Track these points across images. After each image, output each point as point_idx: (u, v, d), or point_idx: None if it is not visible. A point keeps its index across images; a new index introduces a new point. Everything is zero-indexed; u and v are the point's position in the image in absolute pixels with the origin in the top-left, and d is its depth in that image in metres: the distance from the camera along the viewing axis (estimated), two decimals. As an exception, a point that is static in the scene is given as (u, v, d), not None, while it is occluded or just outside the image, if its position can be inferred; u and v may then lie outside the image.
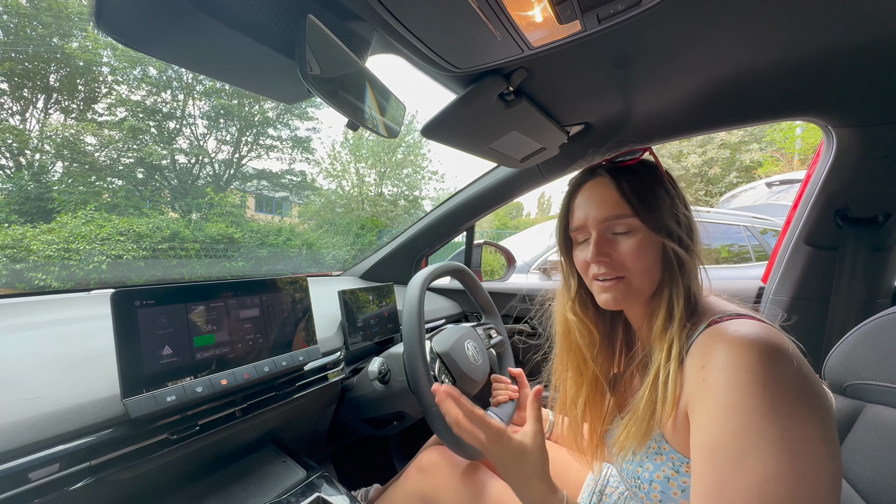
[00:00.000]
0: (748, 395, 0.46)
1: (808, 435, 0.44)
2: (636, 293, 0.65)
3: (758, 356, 0.47)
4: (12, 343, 0.71)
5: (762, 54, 0.75)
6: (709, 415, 0.49)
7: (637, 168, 0.66)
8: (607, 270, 0.65)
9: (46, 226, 7.42)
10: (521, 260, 2.87)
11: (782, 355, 0.47)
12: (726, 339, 0.51)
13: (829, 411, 0.46)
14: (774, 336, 0.49)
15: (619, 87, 0.88)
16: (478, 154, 1.07)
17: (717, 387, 0.50)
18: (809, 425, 0.44)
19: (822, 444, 0.44)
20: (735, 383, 0.48)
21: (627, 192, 0.63)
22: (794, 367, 0.47)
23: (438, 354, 0.97)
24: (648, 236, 0.62)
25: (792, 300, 1.28)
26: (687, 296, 0.61)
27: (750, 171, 11.57)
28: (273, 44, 0.52)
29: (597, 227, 0.66)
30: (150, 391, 0.61)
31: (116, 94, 9.62)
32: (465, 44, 0.60)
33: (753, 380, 0.46)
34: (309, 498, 0.72)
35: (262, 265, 9.36)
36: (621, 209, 0.63)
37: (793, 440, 0.43)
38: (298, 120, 12.42)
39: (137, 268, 7.53)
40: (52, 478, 0.52)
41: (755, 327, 0.51)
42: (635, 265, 0.63)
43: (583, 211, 0.68)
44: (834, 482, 0.44)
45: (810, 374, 0.48)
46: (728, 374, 0.49)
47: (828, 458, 0.44)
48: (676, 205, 0.64)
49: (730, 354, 0.50)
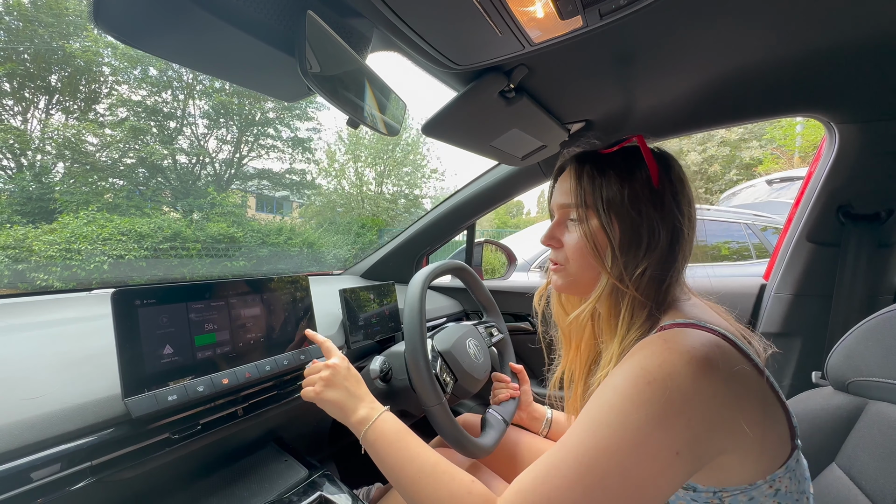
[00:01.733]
0: (631, 384, 0.46)
1: (659, 450, 0.43)
2: (576, 280, 0.66)
3: (666, 361, 0.45)
4: (14, 343, 0.71)
5: (764, 50, 0.75)
6: (598, 389, 0.51)
7: (615, 158, 0.62)
8: (554, 256, 0.69)
9: (48, 226, 7.43)
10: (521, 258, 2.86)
11: (695, 371, 0.44)
12: (654, 344, 0.49)
13: (700, 451, 0.44)
14: (707, 353, 0.46)
15: (620, 83, 0.88)
16: (478, 152, 1.06)
17: (613, 373, 0.50)
18: (669, 441, 0.43)
19: (665, 467, 0.44)
20: (629, 372, 0.47)
21: (584, 182, 0.62)
22: (699, 386, 0.44)
23: (440, 353, 0.97)
24: (596, 229, 0.60)
25: (794, 297, 1.27)
26: (635, 300, 0.57)
27: (750, 169, 11.55)
28: (273, 41, 0.52)
29: (558, 212, 0.68)
30: (152, 390, 0.61)
31: (117, 95, 9.62)
32: (466, 40, 0.60)
33: (644, 375, 0.46)
34: (311, 497, 0.72)
35: (264, 264, 9.37)
36: (573, 198, 0.63)
37: (645, 443, 0.43)
38: (298, 120, 12.41)
39: (139, 268, 7.54)
40: (54, 478, 0.52)
41: (692, 339, 0.47)
42: (574, 256, 0.64)
43: (554, 196, 0.70)
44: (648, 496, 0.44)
45: (727, 403, 0.44)
46: (629, 365, 0.49)
47: (664, 478, 0.44)
48: (642, 206, 0.58)
49: (645, 352, 0.49)
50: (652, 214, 0.58)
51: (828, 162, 1.12)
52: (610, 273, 0.59)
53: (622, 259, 0.58)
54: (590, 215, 0.61)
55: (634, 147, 0.63)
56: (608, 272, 0.59)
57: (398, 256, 1.72)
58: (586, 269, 0.63)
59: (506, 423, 0.97)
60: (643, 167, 0.60)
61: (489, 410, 1.00)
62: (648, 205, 0.58)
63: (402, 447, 0.64)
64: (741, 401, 0.45)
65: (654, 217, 0.58)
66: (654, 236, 0.58)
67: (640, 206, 0.58)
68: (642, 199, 0.59)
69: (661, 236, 0.58)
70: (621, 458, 0.44)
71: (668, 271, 0.58)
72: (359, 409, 0.68)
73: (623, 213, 0.59)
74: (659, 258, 0.58)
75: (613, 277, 0.58)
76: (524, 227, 5.67)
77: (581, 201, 0.61)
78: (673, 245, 0.59)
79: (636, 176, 0.60)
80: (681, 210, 0.59)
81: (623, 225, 0.59)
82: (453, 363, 0.97)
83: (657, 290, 0.57)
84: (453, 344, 1.00)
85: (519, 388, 1.08)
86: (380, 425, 0.66)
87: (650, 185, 0.59)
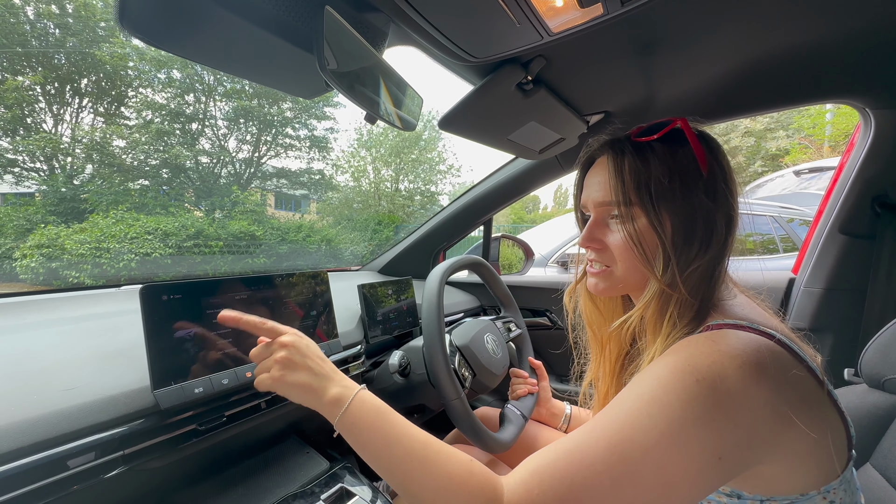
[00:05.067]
0: (678, 378, 0.43)
1: (701, 451, 0.41)
2: (624, 284, 0.61)
3: (716, 362, 0.43)
4: (49, 337, 0.74)
5: (795, 35, 0.72)
6: (637, 377, 0.48)
7: (654, 146, 0.56)
8: (595, 257, 0.63)
9: (79, 225, 7.75)
10: (538, 253, 2.84)
11: (746, 376, 0.41)
12: (702, 344, 0.46)
13: (739, 459, 0.42)
14: (759, 357, 0.43)
15: (641, 73, 0.86)
16: (495, 146, 1.05)
17: (656, 364, 0.47)
18: (712, 443, 0.41)
19: (704, 469, 0.41)
20: (674, 366, 0.44)
21: (626, 176, 0.56)
22: (750, 391, 0.41)
23: (458, 347, 0.97)
24: (643, 228, 0.55)
25: (825, 291, 1.22)
26: (683, 300, 0.53)
27: (776, 160, 11.14)
28: (291, 37, 0.52)
29: (594, 210, 0.62)
30: (179, 383, 0.63)
31: (142, 98, 9.94)
32: (483, 32, 0.59)
33: (692, 372, 0.43)
34: (332, 488, 0.73)
35: (283, 261, 9.55)
36: (613, 195, 0.57)
37: (687, 443, 0.41)
38: (315, 119, 12.58)
39: (164, 265, 7.79)
40: (89, 465, 0.54)
41: (743, 342, 0.44)
42: (621, 258, 0.59)
43: (586, 191, 0.64)
44: None
45: (778, 411, 0.41)
46: (674, 359, 0.45)
47: (700, 481, 0.42)
48: (695, 195, 0.53)
49: (692, 349, 0.46)
50: (707, 205, 0.53)
51: (862, 150, 1.08)
52: (661, 279, 0.53)
53: (675, 259, 0.53)
54: (636, 213, 0.56)
55: (674, 131, 0.57)
56: (658, 279, 0.54)
57: (415, 252, 1.73)
58: (634, 271, 0.58)
59: (524, 419, 0.97)
60: (688, 153, 0.55)
61: (508, 405, 0.99)
62: (701, 194, 0.53)
63: (385, 428, 0.54)
64: (793, 408, 0.42)
65: (709, 207, 0.53)
66: (711, 229, 0.53)
67: (694, 197, 0.53)
68: (695, 189, 0.53)
69: (718, 228, 0.53)
70: (659, 453, 0.41)
71: (719, 266, 0.54)
72: (329, 389, 0.56)
73: (675, 206, 0.54)
74: (715, 253, 0.53)
75: (665, 283, 0.53)
76: (541, 223, 5.62)
77: (625, 198, 0.56)
78: (727, 237, 0.54)
79: (682, 163, 0.55)
80: (733, 196, 0.55)
81: (675, 220, 0.54)
82: (471, 358, 0.97)
83: (706, 287, 0.53)
84: (471, 339, 1.00)
85: (537, 383, 1.08)
86: (357, 405, 0.55)
87: (699, 171, 0.54)
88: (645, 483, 0.41)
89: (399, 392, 0.97)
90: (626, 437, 0.43)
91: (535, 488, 0.45)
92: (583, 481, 0.43)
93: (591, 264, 0.64)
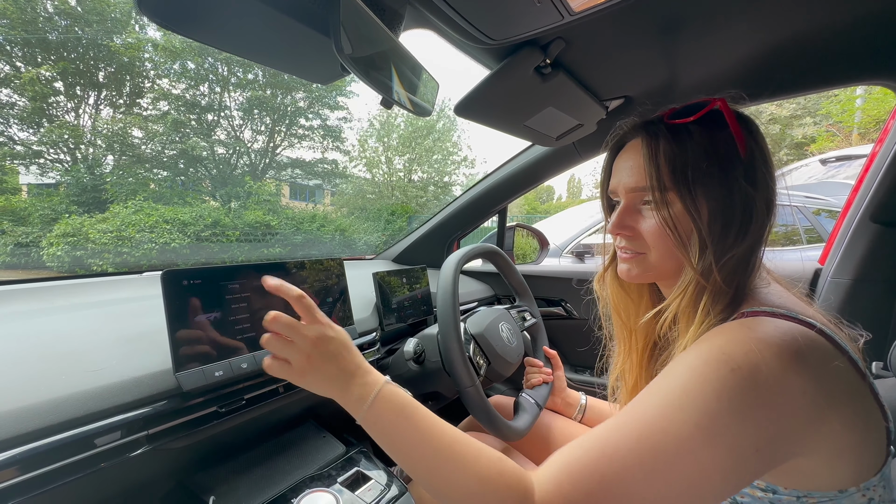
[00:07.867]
0: (713, 368, 0.41)
1: (738, 443, 0.39)
2: (657, 271, 0.59)
3: (752, 350, 0.41)
4: (75, 320, 0.76)
5: (827, 13, 0.68)
6: (668, 367, 0.47)
7: (691, 128, 0.54)
8: (627, 244, 0.61)
9: (101, 215, 7.97)
10: (553, 243, 2.81)
11: (785, 365, 0.40)
12: (737, 331, 0.45)
13: (780, 451, 0.41)
14: (798, 346, 0.41)
15: (663, 56, 0.83)
16: (512, 132, 1.04)
17: (688, 353, 0.46)
18: (750, 436, 0.39)
19: (740, 462, 0.40)
20: (708, 355, 0.43)
21: (660, 160, 0.54)
22: (789, 380, 0.39)
23: (473, 336, 0.97)
24: (679, 214, 0.53)
25: (854, 282, 1.18)
26: (718, 288, 0.51)
27: (802, 148, 10.77)
28: (307, 20, 0.51)
29: (625, 196, 0.60)
30: (200, 366, 0.64)
31: (159, 89, 10.09)
32: (502, 12, 0.58)
33: (727, 361, 0.41)
34: (349, 472, 0.74)
35: (298, 250, 9.68)
36: (648, 180, 0.55)
37: (723, 434, 0.39)
38: (329, 109, 12.61)
39: (183, 254, 7.97)
40: (115, 444, 0.56)
41: (781, 330, 0.43)
42: (654, 244, 0.57)
43: (616, 176, 0.61)
44: None
45: (818, 402, 0.40)
46: (707, 347, 0.44)
47: (736, 473, 0.41)
48: (734, 179, 0.51)
49: (726, 337, 0.44)
50: (746, 189, 0.51)
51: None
52: (696, 268, 0.52)
53: (711, 246, 0.51)
54: (671, 199, 0.54)
55: (711, 112, 0.55)
56: (694, 267, 0.52)
57: (429, 241, 1.72)
58: (669, 257, 0.56)
59: (539, 408, 0.96)
60: (726, 135, 0.53)
61: (522, 394, 0.99)
62: (741, 179, 0.51)
63: (409, 429, 0.51)
64: (833, 400, 0.40)
65: (748, 193, 0.51)
66: (749, 215, 0.51)
67: (733, 182, 0.51)
68: (734, 174, 0.51)
69: (756, 215, 0.51)
70: (693, 446, 0.40)
71: (755, 254, 0.53)
72: (352, 385, 0.53)
73: (713, 192, 0.52)
74: (752, 240, 0.52)
75: (700, 272, 0.51)
76: (555, 213, 5.55)
77: (660, 184, 0.54)
78: (766, 223, 0.53)
79: (721, 146, 0.53)
80: (773, 180, 0.54)
81: (713, 206, 0.52)
82: (486, 346, 0.97)
83: (742, 275, 0.52)
84: (486, 327, 0.99)
85: (552, 373, 1.07)
86: (379, 406, 0.52)
87: (738, 155, 0.52)
88: (678, 476, 0.40)
89: (414, 379, 0.98)
90: (658, 428, 0.41)
91: (566, 483, 0.44)
92: (614, 475, 0.42)
93: (623, 249, 0.63)
